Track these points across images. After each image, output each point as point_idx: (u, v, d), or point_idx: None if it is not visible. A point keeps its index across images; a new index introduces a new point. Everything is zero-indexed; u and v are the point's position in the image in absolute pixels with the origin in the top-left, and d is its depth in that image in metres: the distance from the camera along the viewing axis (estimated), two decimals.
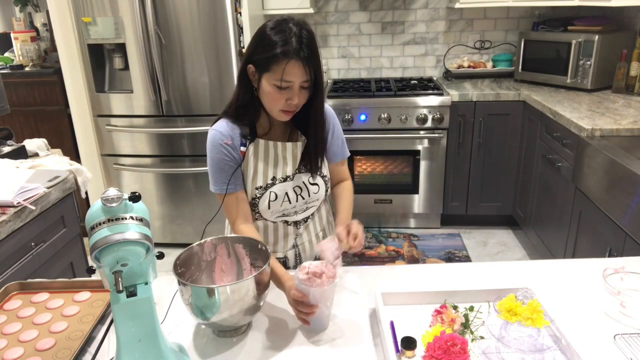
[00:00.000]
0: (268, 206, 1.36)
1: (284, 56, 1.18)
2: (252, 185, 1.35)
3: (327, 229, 1.55)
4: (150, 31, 2.86)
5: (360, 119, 3.23)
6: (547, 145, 2.78)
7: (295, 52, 1.18)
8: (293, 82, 1.21)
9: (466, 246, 3.28)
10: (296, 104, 1.25)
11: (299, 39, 1.19)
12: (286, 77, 1.20)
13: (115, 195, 0.85)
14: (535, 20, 3.46)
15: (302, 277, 1.09)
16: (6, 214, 1.57)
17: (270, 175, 1.35)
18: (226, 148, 1.32)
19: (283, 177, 1.36)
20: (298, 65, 1.19)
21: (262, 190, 1.35)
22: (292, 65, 1.19)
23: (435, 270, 1.35)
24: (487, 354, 1.01)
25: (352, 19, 3.71)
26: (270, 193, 1.35)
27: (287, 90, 1.22)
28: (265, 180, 1.35)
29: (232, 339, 1.09)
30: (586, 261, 1.36)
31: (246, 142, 1.33)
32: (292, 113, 1.28)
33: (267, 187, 1.35)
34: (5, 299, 1.24)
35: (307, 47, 1.20)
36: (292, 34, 1.19)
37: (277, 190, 1.35)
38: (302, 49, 1.18)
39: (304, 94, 1.26)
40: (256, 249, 1.18)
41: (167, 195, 3.27)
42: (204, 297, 1.01)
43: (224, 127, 1.33)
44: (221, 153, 1.32)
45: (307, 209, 1.42)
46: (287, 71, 1.19)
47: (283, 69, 1.19)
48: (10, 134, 2.23)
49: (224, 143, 1.31)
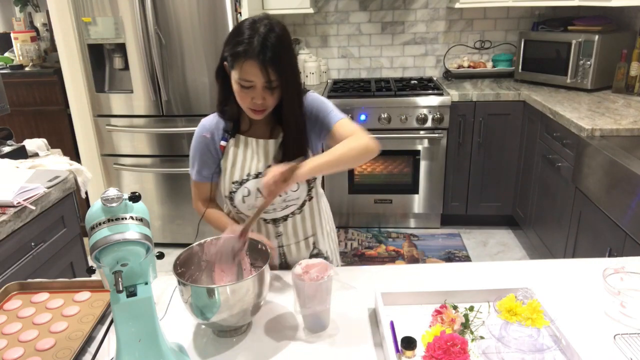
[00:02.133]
0: (243, 200, 1.38)
1: (243, 55, 1.19)
2: (229, 180, 1.38)
3: (321, 236, 1.52)
4: (150, 31, 2.86)
5: (360, 119, 3.23)
6: (547, 145, 2.78)
7: (254, 52, 1.18)
8: (254, 82, 1.21)
9: (466, 246, 3.28)
10: (261, 104, 1.25)
11: (263, 41, 1.18)
12: (244, 76, 1.21)
13: (115, 195, 0.85)
14: (535, 20, 3.46)
15: (298, 271, 1.09)
16: (6, 214, 1.57)
17: (246, 171, 1.37)
18: (205, 140, 1.39)
19: (256, 173, 1.37)
20: (255, 65, 1.19)
21: (238, 185, 1.38)
22: (250, 65, 1.19)
23: (435, 270, 1.35)
24: (487, 354, 1.01)
25: (352, 19, 3.71)
26: (244, 188, 1.37)
27: (250, 89, 1.23)
28: (241, 176, 1.38)
29: (232, 338, 1.09)
30: (586, 261, 1.36)
31: (227, 137, 1.38)
32: (261, 112, 1.28)
33: (242, 182, 1.37)
34: (5, 299, 1.24)
35: (272, 49, 1.18)
36: (258, 34, 1.19)
37: (250, 186, 1.37)
38: (263, 51, 1.18)
39: (270, 95, 1.24)
40: (256, 249, 1.19)
41: (167, 195, 3.27)
42: (204, 297, 1.01)
43: (209, 120, 1.40)
44: (201, 144, 1.40)
45: (287, 207, 1.41)
46: (244, 70, 1.20)
47: (241, 67, 1.20)
48: (10, 134, 2.23)
49: (203, 135, 1.39)
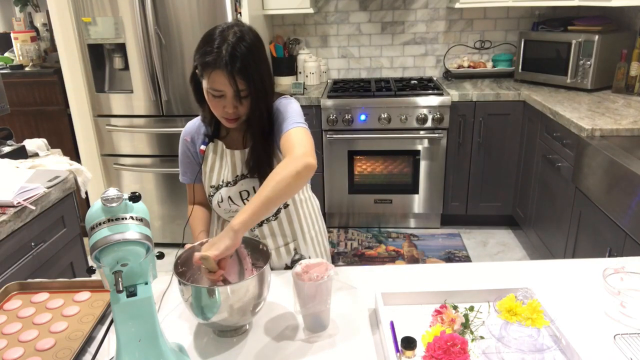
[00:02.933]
0: (218, 205, 1.41)
1: (212, 65, 1.18)
2: (208, 183, 1.41)
3: (303, 241, 1.48)
4: (150, 31, 2.86)
5: (360, 119, 3.23)
6: (547, 145, 2.78)
7: (222, 62, 1.16)
8: (224, 92, 1.20)
9: (466, 246, 3.28)
10: (233, 113, 1.24)
11: (232, 50, 1.16)
12: (213, 86, 1.20)
13: (115, 195, 0.85)
14: (535, 20, 3.46)
15: (298, 271, 1.09)
16: (6, 214, 1.57)
17: (221, 177, 1.39)
18: (186, 144, 1.42)
19: (226, 182, 1.38)
20: (223, 75, 1.17)
21: (214, 189, 1.40)
22: (218, 74, 1.18)
23: (435, 270, 1.35)
24: (487, 354, 1.01)
25: (352, 19, 3.71)
26: (219, 194, 1.39)
27: (221, 98, 1.22)
28: (217, 181, 1.40)
29: (233, 339, 1.09)
30: (586, 261, 1.36)
31: (207, 142, 1.39)
32: (234, 121, 1.27)
33: (218, 187, 1.40)
34: (5, 299, 1.24)
35: (240, 59, 1.16)
36: (226, 43, 1.17)
37: (223, 194, 1.39)
38: (232, 61, 1.16)
39: (241, 104, 1.23)
40: (257, 249, 1.18)
41: (167, 195, 3.27)
42: (205, 297, 1.01)
43: (192, 124, 1.43)
44: (183, 147, 1.43)
45: None
46: (213, 80, 1.19)
47: (209, 76, 1.19)
48: (10, 134, 2.23)
49: (184, 139, 1.42)
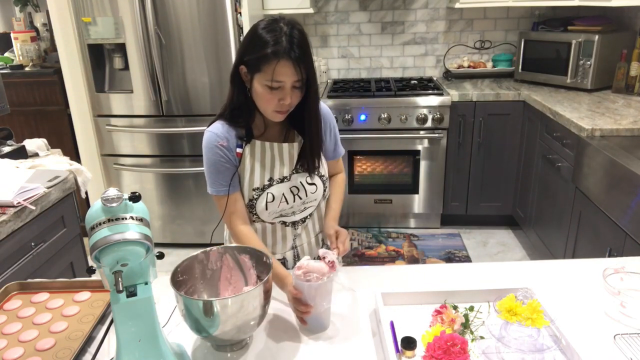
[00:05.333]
0: (265, 207, 1.35)
1: (274, 56, 1.17)
2: (249, 187, 1.35)
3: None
4: (150, 31, 2.86)
5: (360, 119, 3.23)
6: (547, 145, 2.78)
7: (285, 51, 1.17)
8: (284, 82, 1.21)
9: (466, 246, 3.28)
10: (289, 104, 1.25)
11: (290, 39, 1.18)
12: (277, 77, 1.19)
13: (115, 195, 0.85)
14: (535, 20, 3.46)
15: (298, 272, 1.09)
16: (6, 214, 1.57)
17: (267, 176, 1.35)
18: (222, 149, 1.30)
19: (280, 177, 1.36)
20: (288, 65, 1.18)
21: (259, 191, 1.35)
22: (283, 65, 1.18)
23: (435, 270, 1.35)
24: (487, 354, 1.01)
25: (352, 19, 3.71)
26: (268, 194, 1.35)
27: (278, 90, 1.22)
28: (262, 182, 1.35)
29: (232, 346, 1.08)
30: (586, 261, 1.36)
31: (242, 144, 1.32)
32: (285, 113, 1.28)
33: (264, 188, 1.35)
34: (5, 299, 1.24)
35: (298, 46, 1.19)
36: (283, 33, 1.18)
37: (274, 192, 1.35)
38: (293, 49, 1.18)
39: (296, 94, 1.25)
40: (261, 261, 1.14)
41: (167, 195, 3.27)
42: (198, 310, 0.97)
43: (219, 128, 1.32)
44: (217, 155, 1.31)
45: (305, 209, 1.42)
46: (277, 71, 1.19)
47: (273, 69, 1.18)
48: (10, 134, 2.23)
49: (219, 144, 1.30)
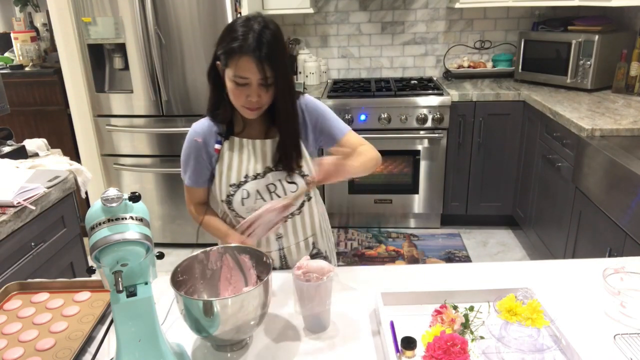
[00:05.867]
0: (242, 203, 1.37)
1: (238, 51, 1.19)
2: (227, 183, 1.37)
3: (320, 236, 1.51)
4: (150, 31, 2.86)
5: (360, 119, 3.23)
6: (547, 145, 2.78)
7: (249, 48, 1.18)
8: (249, 79, 1.21)
9: (466, 246, 3.28)
10: (257, 102, 1.25)
11: (258, 37, 1.18)
12: (240, 73, 1.20)
13: (115, 195, 0.85)
14: (535, 20, 3.46)
15: (298, 272, 1.08)
16: (6, 214, 1.57)
17: (243, 172, 1.36)
18: (197, 145, 1.37)
19: (254, 174, 1.37)
20: (251, 61, 1.18)
21: (235, 187, 1.37)
22: (246, 61, 1.19)
23: (435, 270, 1.35)
24: (487, 354, 1.01)
25: (352, 19, 3.71)
26: (243, 191, 1.36)
27: (245, 87, 1.22)
28: (238, 178, 1.36)
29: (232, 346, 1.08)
30: (586, 261, 1.36)
31: (221, 140, 1.36)
32: (256, 110, 1.28)
33: (240, 184, 1.37)
34: (5, 299, 1.24)
35: (267, 45, 1.19)
36: (252, 30, 1.19)
37: (249, 188, 1.36)
38: (259, 47, 1.18)
39: (265, 92, 1.24)
40: (261, 261, 1.13)
41: (167, 195, 3.26)
42: (206, 309, 0.97)
43: (201, 125, 1.38)
44: (190, 148, 1.38)
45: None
46: (240, 66, 1.20)
47: (236, 64, 1.20)
48: (10, 134, 2.23)
49: (195, 140, 1.37)
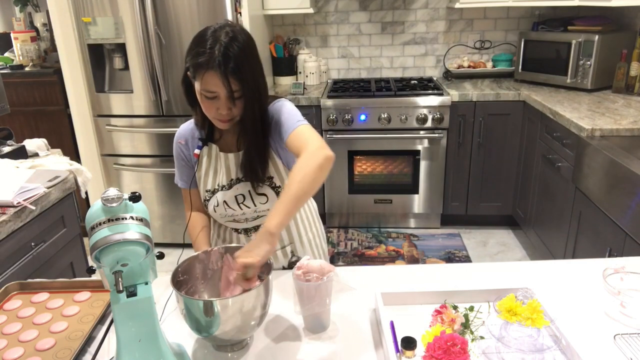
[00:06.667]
0: (214, 210, 1.40)
1: (204, 65, 1.17)
2: (203, 188, 1.40)
3: (300, 243, 1.48)
4: (150, 31, 2.86)
5: (360, 119, 3.23)
6: (547, 145, 2.78)
7: (214, 62, 1.15)
8: (217, 93, 1.19)
9: (466, 246, 3.28)
10: (227, 114, 1.23)
11: (225, 50, 1.15)
12: (207, 87, 1.19)
13: (115, 195, 0.85)
14: (535, 20, 3.46)
15: (298, 272, 1.08)
16: (6, 214, 1.57)
17: (217, 181, 1.38)
18: (180, 147, 1.41)
19: (221, 185, 1.38)
20: (216, 76, 1.16)
21: (210, 193, 1.39)
22: (211, 75, 1.17)
23: (435, 270, 1.35)
24: (487, 354, 1.01)
25: (352, 19, 3.71)
26: (215, 198, 1.39)
27: (214, 100, 1.21)
28: (213, 185, 1.39)
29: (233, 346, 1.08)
30: (586, 261, 1.36)
31: (201, 145, 1.38)
32: (227, 122, 1.26)
33: (214, 191, 1.39)
34: (5, 299, 1.24)
35: (234, 59, 1.16)
36: (219, 43, 1.16)
37: (219, 197, 1.38)
38: (225, 61, 1.15)
39: (235, 104, 1.22)
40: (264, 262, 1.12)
41: (167, 195, 3.27)
42: (199, 310, 0.97)
43: (185, 127, 1.41)
44: (177, 150, 1.42)
45: (258, 217, 1.40)
46: (206, 81, 1.18)
47: (202, 78, 1.18)
48: (10, 134, 2.23)
49: (178, 142, 1.41)
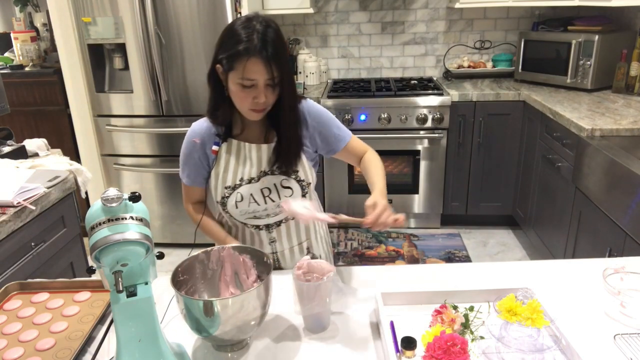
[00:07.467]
0: (235, 206, 1.37)
1: (245, 53, 1.18)
2: (222, 184, 1.37)
3: (315, 240, 1.51)
4: (150, 31, 2.86)
5: (360, 119, 3.23)
6: (547, 145, 2.78)
7: (256, 49, 1.17)
8: (257, 80, 1.20)
9: (466, 246, 3.28)
10: (264, 102, 1.24)
11: (263, 37, 1.18)
12: (248, 75, 1.19)
13: (115, 195, 0.85)
14: (535, 20, 3.46)
15: (298, 272, 1.08)
16: (6, 214, 1.57)
17: (239, 176, 1.36)
18: (194, 145, 1.38)
19: (248, 179, 1.36)
20: (259, 62, 1.18)
21: (230, 190, 1.37)
22: (254, 62, 1.18)
23: (435, 270, 1.35)
24: (487, 354, 1.01)
25: (352, 19, 3.71)
26: (237, 194, 1.37)
27: (252, 88, 1.22)
28: (233, 181, 1.37)
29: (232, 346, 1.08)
30: (586, 261, 1.36)
31: (219, 142, 1.36)
32: (261, 112, 1.27)
33: (235, 187, 1.37)
34: (5, 299, 1.24)
35: (272, 45, 1.18)
36: (255, 31, 1.18)
37: (243, 192, 1.36)
38: (265, 47, 1.17)
39: (271, 92, 1.24)
40: (262, 261, 1.14)
41: (167, 195, 3.26)
42: (199, 310, 0.97)
43: (199, 125, 1.39)
44: (188, 149, 1.39)
45: (281, 212, 1.40)
46: (248, 68, 1.19)
47: (244, 66, 1.19)
48: (10, 134, 2.23)
49: (192, 140, 1.38)
